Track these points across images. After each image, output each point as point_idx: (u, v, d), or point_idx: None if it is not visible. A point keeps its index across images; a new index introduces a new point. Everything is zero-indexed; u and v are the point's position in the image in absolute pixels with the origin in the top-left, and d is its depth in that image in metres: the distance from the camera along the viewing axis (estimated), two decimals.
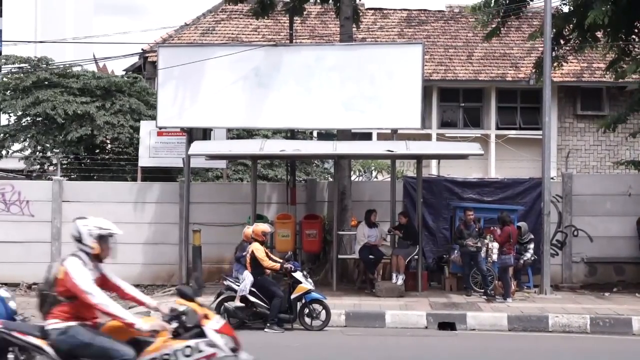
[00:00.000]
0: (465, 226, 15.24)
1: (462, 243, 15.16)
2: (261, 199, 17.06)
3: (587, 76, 25.48)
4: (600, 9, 15.27)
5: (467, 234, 15.13)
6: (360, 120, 16.17)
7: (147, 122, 18.49)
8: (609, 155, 25.77)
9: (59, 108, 19.51)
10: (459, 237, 15.31)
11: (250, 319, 12.62)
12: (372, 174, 24.31)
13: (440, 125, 26.49)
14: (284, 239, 16.11)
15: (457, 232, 15.42)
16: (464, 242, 15.09)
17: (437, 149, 18.63)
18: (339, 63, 16.13)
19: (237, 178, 21.10)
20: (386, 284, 15.24)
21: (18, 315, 7.87)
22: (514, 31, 27.33)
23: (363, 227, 15.81)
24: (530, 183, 17.17)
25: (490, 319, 13.25)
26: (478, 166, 24.44)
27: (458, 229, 15.42)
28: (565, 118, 26.11)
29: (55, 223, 17.34)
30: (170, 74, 16.20)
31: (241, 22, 27.07)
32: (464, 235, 15.16)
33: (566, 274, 16.99)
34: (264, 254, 12.65)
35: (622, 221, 16.90)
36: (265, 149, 15.58)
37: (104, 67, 34.11)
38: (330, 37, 25.22)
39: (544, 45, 15.88)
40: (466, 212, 15.38)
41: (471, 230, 15.15)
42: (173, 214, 17.26)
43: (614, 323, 13.01)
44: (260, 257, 12.57)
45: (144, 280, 17.36)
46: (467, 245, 15.03)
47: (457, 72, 25.98)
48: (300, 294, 12.60)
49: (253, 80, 16.14)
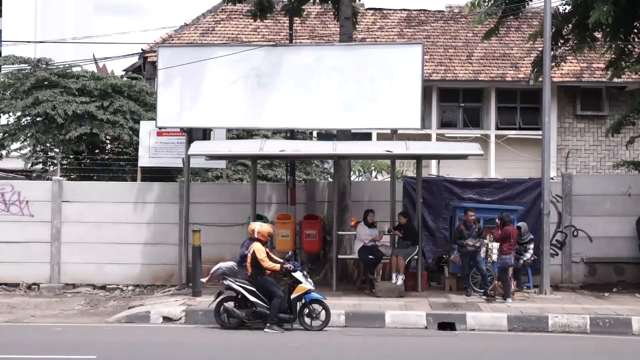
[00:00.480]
0: (465, 226, 15.25)
1: (462, 243, 15.17)
2: (261, 199, 17.06)
3: (587, 76, 25.50)
4: (602, 9, 15.25)
5: (467, 234, 15.15)
6: (360, 120, 16.17)
7: (146, 122, 18.48)
8: (609, 156, 25.79)
9: (59, 108, 19.51)
10: (459, 237, 15.32)
11: (250, 319, 12.63)
12: (372, 174, 24.31)
13: (440, 125, 26.50)
14: (284, 239, 16.10)
15: (457, 232, 15.43)
16: (464, 242, 15.10)
17: (436, 149, 18.63)
18: (339, 63, 16.12)
19: (237, 178, 21.10)
20: (386, 284, 15.24)
21: None
22: (513, 31, 27.39)
23: (362, 228, 15.83)
24: (530, 183, 17.17)
25: (490, 319, 13.25)
26: (478, 166, 24.45)
27: (458, 229, 15.43)
28: (565, 118, 26.12)
29: (55, 223, 17.34)
30: (170, 74, 16.19)
31: (241, 22, 27.08)
32: (464, 236, 15.17)
33: (566, 274, 16.99)
34: (264, 255, 12.68)
35: (622, 221, 16.90)
36: (265, 149, 15.58)
37: (104, 67, 34.14)
38: (330, 38, 25.23)
39: (544, 45, 15.88)
40: (467, 212, 15.38)
41: (471, 231, 15.16)
42: (173, 214, 17.26)
43: (614, 323, 13.02)
44: (260, 257, 12.60)
45: (143, 280, 17.39)
46: (467, 245, 15.04)
47: (457, 72, 25.99)
48: (300, 294, 12.61)
49: (253, 81, 16.13)
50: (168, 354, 10.96)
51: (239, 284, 12.70)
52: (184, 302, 14.37)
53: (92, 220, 17.33)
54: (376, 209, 16.21)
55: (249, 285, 12.66)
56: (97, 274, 17.35)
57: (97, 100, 20.13)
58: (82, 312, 15.03)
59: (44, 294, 16.98)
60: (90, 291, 17.17)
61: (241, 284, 12.69)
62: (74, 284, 17.40)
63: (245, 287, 12.65)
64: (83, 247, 17.29)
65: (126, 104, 20.30)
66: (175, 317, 13.57)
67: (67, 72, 20.77)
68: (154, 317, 13.64)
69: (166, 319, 13.57)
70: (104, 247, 17.23)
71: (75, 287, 17.35)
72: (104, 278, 17.36)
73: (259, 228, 12.96)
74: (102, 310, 15.18)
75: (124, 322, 13.68)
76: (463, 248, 15.19)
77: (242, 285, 12.68)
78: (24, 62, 20.98)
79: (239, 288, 12.65)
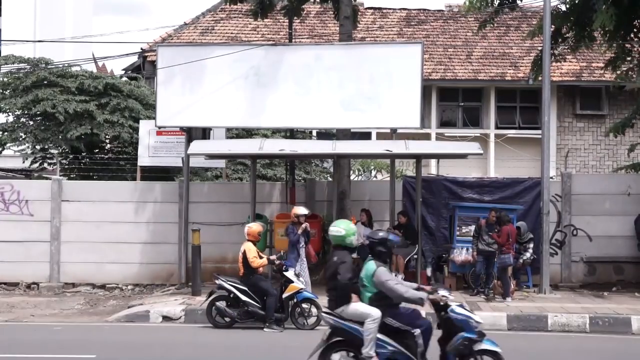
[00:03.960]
0: (486, 225, 15.06)
1: (481, 240, 14.96)
2: (260, 198, 17.05)
3: (587, 76, 25.49)
4: (606, 13, 15.23)
5: (485, 232, 15.00)
6: (359, 119, 16.16)
7: (146, 122, 18.48)
8: (608, 155, 25.79)
9: (59, 106, 19.50)
10: (477, 235, 15.20)
11: (242, 318, 12.66)
12: (372, 173, 24.30)
13: (440, 124, 26.48)
14: (283, 238, 16.09)
15: (476, 230, 15.30)
16: (485, 241, 14.93)
17: (436, 149, 18.62)
18: (339, 62, 16.12)
19: (237, 177, 21.10)
20: None
21: None
22: (513, 31, 27.38)
23: (359, 227, 15.83)
24: (529, 182, 17.17)
25: (489, 318, 13.21)
26: (477, 166, 24.43)
27: (477, 227, 15.29)
28: (564, 117, 26.11)
29: (55, 222, 17.34)
30: (169, 73, 16.19)
31: (240, 21, 27.07)
32: (482, 234, 15.05)
33: (565, 273, 17.00)
34: (254, 254, 12.79)
35: (621, 221, 16.90)
36: (265, 149, 15.58)
37: (103, 67, 34.16)
38: (329, 37, 25.22)
39: (543, 45, 15.89)
40: (491, 212, 15.11)
41: (491, 230, 15.01)
42: (172, 213, 17.26)
43: (613, 322, 13.02)
44: (250, 257, 12.69)
45: (143, 279, 17.39)
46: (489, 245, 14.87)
47: (457, 72, 25.97)
48: (292, 293, 12.67)
49: (252, 80, 16.13)
50: (167, 353, 10.95)
51: (230, 283, 12.74)
52: (184, 302, 14.38)
53: (91, 220, 17.33)
54: (376, 208, 16.21)
55: (241, 285, 12.69)
56: (97, 273, 17.35)
57: (96, 99, 20.12)
58: (81, 312, 15.03)
59: (43, 293, 16.97)
60: (90, 290, 17.17)
61: (233, 283, 12.73)
62: (73, 283, 17.41)
63: (237, 286, 12.69)
64: (82, 246, 17.28)
65: (124, 102, 20.28)
66: (174, 317, 13.58)
67: (66, 71, 20.75)
68: (154, 316, 13.64)
69: (166, 318, 13.58)
70: (103, 246, 17.23)
71: (74, 287, 17.36)
72: (104, 277, 17.36)
73: (248, 230, 13.07)
74: (102, 309, 15.18)
75: (123, 321, 13.69)
76: (482, 247, 14.99)
77: (233, 284, 12.72)
78: (24, 62, 20.97)
79: (230, 287, 12.69)
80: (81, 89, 20.12)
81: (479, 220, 15.31)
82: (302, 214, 14.26)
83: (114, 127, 19.94)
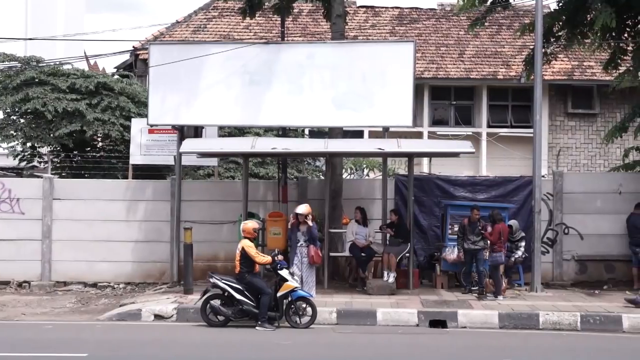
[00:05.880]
0: (469, 224, 15.13)
1: (466, 240, 15.04)
2: (253, 197, 17.03)
3: (578, 74, 25.55)
4: (607, 13, 15.28)
5: (469, 231, 15.06)
6: (351, 118, 16.17)
7: (138, 120, 18.44)
8: (600, 154, 25.86)
9: (49, 105, 19.44)
10: (461, 235, 15.24)
11: (236, 317, 12.66)
12: (364, 172, 24.31)
13: (432, 123, 26.49)
14: (275, 236, 16.07)
15: (460, 230, 15.35)
16: (468, 239, 14.98)
17: (428, 147, 18.65)
18: (331, 61, 16.12)
19: (229, 176, 21.07)
20: (377, 281, 15.25)
21: None
22: (505, 29, 27.42)
23: (352, 225, 15.86)
24: (521, 181, 17.21)
25: (481, 316, 13.29)
26: (469, 164, 24.46)
27: (461, 227, 15.34)
28: (556, 116, 26.16)
29: (46, 221, 17.28)
30: (161, 71, 16.15)
31: (233, 19, 27.02)
32: (466, 233, 15.10)
33: (557, 271, 17.04)
34: (255, 251, 12.84)
35: (613, 219, 16.96)
36: (257, 147, 15.57)
37: (95, 65, 34.03)
38: (322, 35, 25.21)
39: (535, 43, 15.92)
40: (472, 210, 15.22)
41: (474, 229, 15.07)
42: (164, 211, 17.22)
43: (604, 320, 13.08)
44: (252, 253, 12.70)
45: (135, 278, 17.35)
46: (474, 243, 14.93)
47: (449, 70, 26.00)
48: (286, 292, 12.68)
49: (245, 78, 16.12)
50: (159, 351, 10.94)
51: (225, 282, 12.73)
52: (176, 300, 14.36)
53: (83, 218, 17.28)
54: (368, 206, 16.20)
55: (236, 283, 12.69)
56: (89, 271, 17.30)
57: (87, 98, 20.05)
58: (73, 310, 14.98)
59: (34, 291, 16.92)
60: (82, 289, 17.12)
61: (227, 282, 12.72)
62: (65, 282, 17.35)
63: (232, 285, 12.68)
64: (74, 244, 17.23)
65: (115, 100, 20.21)
66: (166, 315, 13.56)
67: (57, 70, 20.67)
68: (145, 314, 13.62)
69: (157, 317, 13.56)
70: (95, 244, 17.18)
71: (66, 285, 17.30)
72: (95, 276, 17.32)
73: (243, 226, 13.09)
74: (94, 308, 15.14)
75: (115, 320, 13.66)
76: (467, 245, 15.07)
77: (228, 283, 12.71)
78: (14, 60, 20.87)
79: (225, 286, 12.68)
80: (73, 88, 20.05)
81: (462, 220, 15.36)
82: (300, 213, 14.19)
83: (104, 125, 19.86)
